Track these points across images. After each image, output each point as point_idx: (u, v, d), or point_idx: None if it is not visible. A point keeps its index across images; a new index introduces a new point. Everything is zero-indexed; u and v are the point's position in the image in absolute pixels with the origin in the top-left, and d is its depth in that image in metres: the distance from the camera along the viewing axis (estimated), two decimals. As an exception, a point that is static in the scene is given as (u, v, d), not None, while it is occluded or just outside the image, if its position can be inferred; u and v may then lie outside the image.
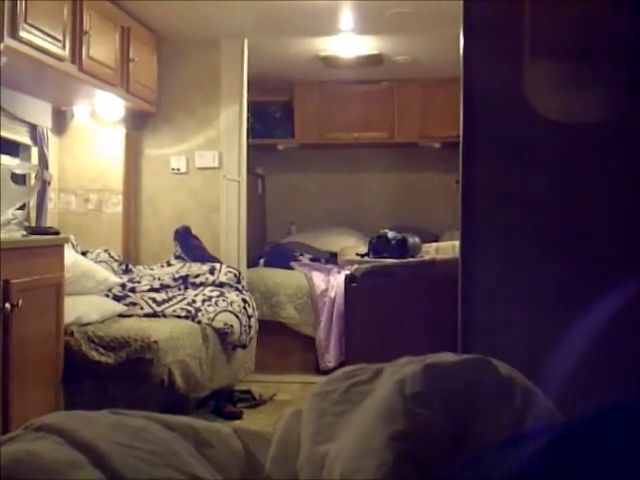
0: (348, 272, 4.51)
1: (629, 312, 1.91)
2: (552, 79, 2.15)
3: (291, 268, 6.03)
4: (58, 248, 3.52)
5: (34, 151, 4.72)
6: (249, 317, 4.71)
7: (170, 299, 4.33)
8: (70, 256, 3.78)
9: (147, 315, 4.11)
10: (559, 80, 2.13)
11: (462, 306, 2.14)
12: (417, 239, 5.74)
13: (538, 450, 0.81)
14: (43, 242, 3.45)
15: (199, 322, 4.16)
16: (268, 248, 6.66)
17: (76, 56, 3.99)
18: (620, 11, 2.05)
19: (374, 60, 5.90)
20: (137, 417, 1.22)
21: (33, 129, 4.66)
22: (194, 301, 4.35)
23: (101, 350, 3.63)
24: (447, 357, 1.20)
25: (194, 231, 5.28)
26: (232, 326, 4.37)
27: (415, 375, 1.10)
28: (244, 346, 4.62)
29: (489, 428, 1.03)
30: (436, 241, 6.23)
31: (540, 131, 2.10)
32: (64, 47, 3.83)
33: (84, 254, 4.50)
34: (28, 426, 1.14)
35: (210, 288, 4.64)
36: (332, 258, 6.40)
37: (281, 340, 5.65)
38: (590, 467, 0.77)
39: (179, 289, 4.57)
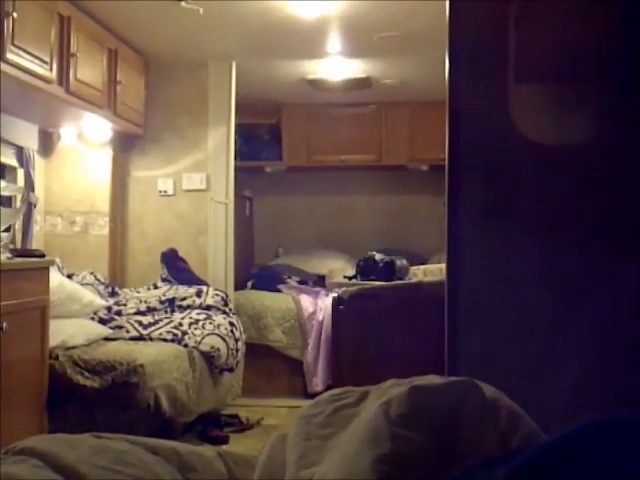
0: (336, 295, 4.50)
1: (619, 333, 1.91)
2: (536, 101, 2.16)
3: (279, 291, 6.01)
4: (43, 271, 3.50)
5: (20, 173, 4.71)
6: (236, 340, 4.69)
7: (156, 322, 4.31)
8: (56, 279, 3.76)
9: (133, 338, 4.08)
10: (543, 102, 2.15)
11: (448, 328, 2.13)
12: (405, 261, 5.74)
13: (512, 469, 0.81)
14: (28, 265, 3.44)
15: (186, 345, 4.14)
16: (256, 271, 6.64)
17: (63, 78, 3.99)
18: (603, 34, 2.07)
19: (362, 83, 5.93)
20: (120, 440, 1.20)
21: (19, 151, 4.65)
22: (181, 324, 4.33)
23: (86, 374, 3.60)
24: (433, 379, 1.19)
25: (181, 253, 5.27)
26: (219, 349, 4.35)
27: (400, 397, 1.09)
28: (231, 370, 4.60)
29: (474, 451, 1.02)
30: (424, 264, 6.23)
31: (525, 153, 2.11)
32: (51, 69, 3.83)
33: (70, 277, 4.47)
34: (9, 450, 1.13)
35: (197, 311, 4.62)
36: (320, 281, 6.39)
37: (269, 363, 5.63)
38: None
39: (166, 312, 4.55)
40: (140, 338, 4.09)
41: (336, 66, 5.53)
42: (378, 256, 5.66)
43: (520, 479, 0.81)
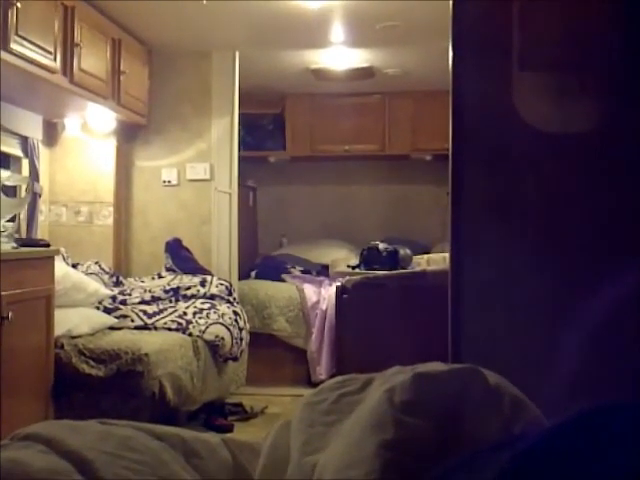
0: (339, 284, 4.51)
1: (622, 320, 1.91)
2: (540, 90, 2.16)
3: (282, 280, 6.02)
4: (48, 260, 3.51)
5: (25, 163, 4.71)
6: (240, 329, 4.70)
7: (161, 311, 4.32)
8: (60, 268, 3.77)
9: (138, 327, 4.10)
10: (547, 91, 2.15)
11: (452, 316, 2.14)
12: (408, 251, 5.75)
13: (515, 455, 0.81)
14: (33, 254, 3.45)
15: (190, 334, 4.15)
16: (259, 260, 6.65)
17: (67, 68, 3.99)
18: (607, 23, 2.07)
19: (365, 73, 5.92)
20: (125, 427, 1.21)
21: (24, 141, 4.65)
22: (185, 313, 4.34)
23: (91, 363, 3.62)
24: (436, 366, 1.20)
25: (185, 243, 5.27)
26: (223, 338, 4.36)
27: (404, 384, 1.10)
28: (235, 358, 4.61)
29: (478, 437, 1.03)
30: (427, 253, 6.23)
31: (529, 142, 2.11)
32: (55, 59, 3.83)
33: (75, 266, 4.49)
34: (14, 436, 1.14)
35: (201, 300, 4.63)
36: (323, 270, 6.40)
37: (272, 352, 5.64)
38: (563, 474, 0.77)
39: (170, 301, 4.56)
40: (145, 327, 4.11)
41: (339, 56, 5.52)
42: (381, 245, 5.67)
43: (522, 465, 0.82)
